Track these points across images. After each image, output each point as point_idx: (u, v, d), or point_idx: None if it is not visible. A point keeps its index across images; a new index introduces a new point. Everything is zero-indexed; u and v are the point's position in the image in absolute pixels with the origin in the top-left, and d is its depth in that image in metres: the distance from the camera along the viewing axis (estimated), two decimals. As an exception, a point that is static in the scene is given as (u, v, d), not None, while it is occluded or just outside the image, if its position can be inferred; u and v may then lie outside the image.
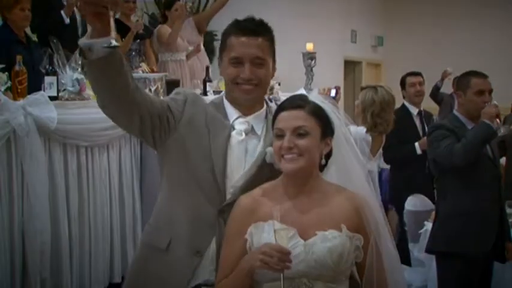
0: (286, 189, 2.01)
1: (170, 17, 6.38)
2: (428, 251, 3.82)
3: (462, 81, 3.75)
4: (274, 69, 2.23)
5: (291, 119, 1.97)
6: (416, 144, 5.18)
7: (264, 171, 2.08)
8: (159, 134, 2.11)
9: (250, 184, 2.06)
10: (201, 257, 2.07)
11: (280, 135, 1.97)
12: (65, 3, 5.35)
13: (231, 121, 2.16)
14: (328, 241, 1.91)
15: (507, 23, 10.62)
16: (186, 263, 2.08)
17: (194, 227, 2.08)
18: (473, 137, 3.49)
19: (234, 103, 2.17)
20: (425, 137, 5.17)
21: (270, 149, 2.06)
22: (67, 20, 5.35)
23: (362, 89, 4.16)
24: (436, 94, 8.79)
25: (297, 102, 2.01)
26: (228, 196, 2.08)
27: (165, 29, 6.33)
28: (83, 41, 1.90)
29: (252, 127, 2.16)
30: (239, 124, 2.15)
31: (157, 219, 2.20)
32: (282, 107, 2.03)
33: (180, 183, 2.12)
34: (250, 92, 2.12)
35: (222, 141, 2.11)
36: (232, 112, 2.17)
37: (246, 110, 2.17)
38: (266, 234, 1.92)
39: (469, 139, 3.48)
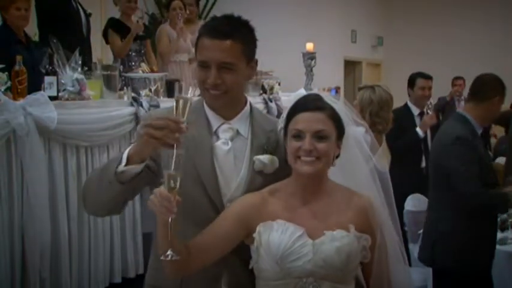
0: (296, 190, 2.00)
1: (170, 19, 6.38)
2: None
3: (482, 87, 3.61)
4: (252, 68, 2.08)
5: (311, 121, 1.94)
6: (417, 129, 5.31)
7: (257, 179, 2.04)
8: (149, 183, 2.02)
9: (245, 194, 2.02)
10: (219, 281, 2.01)
11: (298, 136, 1.94)
12: None
13: (215, 128, 2.06)
14: (337, 241, 1.92)
15: (508, 23, 10.62)
16: None
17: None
18: (493, 203, 3.48)
19: (214, 108, 2.07)
20: (425, 120, 5.29)
21: (257, 158, 2.03)
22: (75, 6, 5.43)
23: (360, 89, 4.16)
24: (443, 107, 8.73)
25: (317, 104, 1.97)
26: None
27: (165, 33, 6.31)
28: (122, 168, 1.87)
29: (237, 130, 2.07)
30: (223, 132, 2.06)
31: (159, 261, 2.03)
32: (300, 107, 1.98)
33: (176, 218, 1.98)
34: (218, 98, 2.00)
35: (207, 159, 2.02)
36: (214, 118, 2.07)
37: (227, 113, 2.07)
38: (275, 233, 1.93)
39: (489, 203, 3.47)
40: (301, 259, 1.90)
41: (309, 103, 1.98)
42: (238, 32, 2.00)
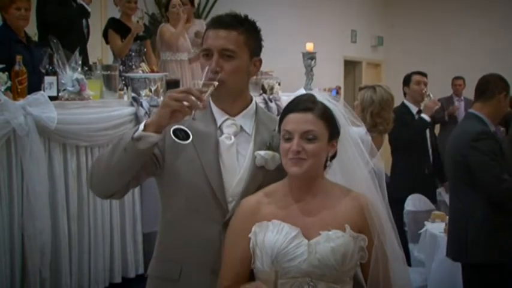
0: (291, 191, 2.00)
1: (170, 17, 6.40)
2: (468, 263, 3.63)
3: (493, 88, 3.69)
4: (255, 65, 2.11)
5: (300, 122, 1.94)
6: (422, 115, 5.28)
7: (258, 175, 2.05)
8: (152, 173, 2.07)
9: (246, 189, 2.04)
10: (218, 274, 2.02)
11: (288, 138, 1.95)
12: None
13: (219, 124, 2.09)
14: (332, 241, 1.91)
15: (508, 23, 10.62)
16: (204, 285, 2.03)
17: (203, 249, 2.02)
18: None
19: (217, 102, 2.10)
20: (428, 104, 5.27)
21: (258, 153, 2.04)
22: (89, 8, 5.45)
23: (360, 89, 4.15)
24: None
25: (306, 104, 1.97)
26: (228, 205, 2.05)
27: (167, 28, 6.34)
28: (139, 133, 1.88)
29: (241, 127, 2.10)
30: (227, 127, 2.09)
31: (162, 251, 2.14)
32: (291, 108, 1.99)
33: (179, 210, 2.06)
34: (217, 88, 1.99)
35: (211, 153, 2.05)
36: (218, 114, 2.10)
37: (230, 109, 2.10)
38: (270, 233, 1.93)
39: None
40: (297, 259, 1.90)
41: (299, 104, 1.98)
42: (242, 25, 2.05)
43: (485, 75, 3.73)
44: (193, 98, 1.84)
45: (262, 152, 2.05)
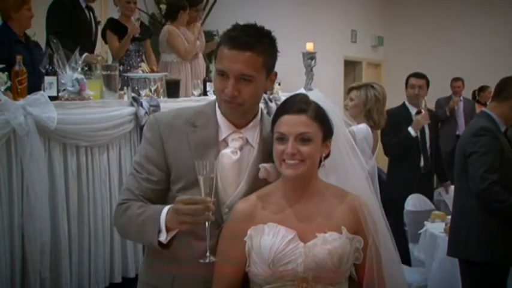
0: (285, 193, 2.00)
1: (181, 18, 6.34)
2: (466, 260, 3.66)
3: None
4: (271, 80, 2.07)
5: (294, 124, 1.93)
6: (409, 128, 5.25)
7: (259, 187, 2.02)
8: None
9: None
10: (210, 283, 2.00)
11: (282, 139, 1.94)
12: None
13: (225, 136, 2.03)
14: (328, 243, 1.91)
15: (509, 24, 10.62)
16: None
17: (195, 261, 1.97)
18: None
19: (227, 116, 2.03)
20: (418, 119, 5.24)
21: (263, 165, 2.01)
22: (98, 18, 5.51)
23: (353, 88, 4.12)
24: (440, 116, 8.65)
25: (299, 106, 1.95)
26: (224, 216, 2.02)
27: (176, 33, 6.28)
28: (164, 240, 1.90)
29: (247, 139, 2.04)
30: (233, 141, 2.03)
31: (153, 262, 2.11)
32: (284, 109, 1.97)
33: None
34: (234, 110, 1.98)
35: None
36: (225, 125, 2.03)
37: (239, 122, 2.04)
38: (267, 236, 1.92)
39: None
40: (293, 262, 1.89)
41: (293, 105, 1.97)
42: (260, 44, 1.97)
43: (506, 76, 3.75)
44: (200, 218, 1.81)
45: (267, 165, 2.02)
